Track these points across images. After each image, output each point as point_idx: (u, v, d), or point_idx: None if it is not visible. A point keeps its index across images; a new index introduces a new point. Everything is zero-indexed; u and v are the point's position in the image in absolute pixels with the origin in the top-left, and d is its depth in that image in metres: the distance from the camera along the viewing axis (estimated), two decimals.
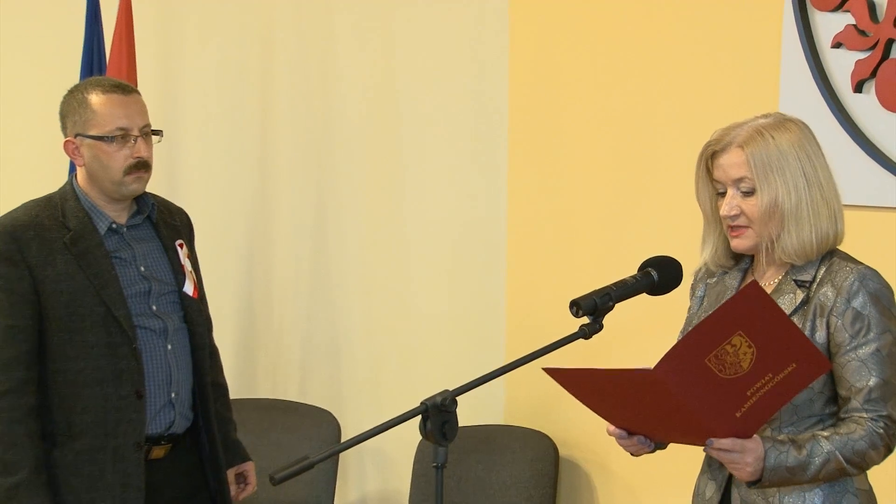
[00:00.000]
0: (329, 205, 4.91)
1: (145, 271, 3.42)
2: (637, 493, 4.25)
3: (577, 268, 4.28)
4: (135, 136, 3.39)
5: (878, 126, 3.63)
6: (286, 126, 5.02)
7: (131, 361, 3.34)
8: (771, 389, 2.47)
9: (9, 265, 3.30)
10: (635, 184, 4.16)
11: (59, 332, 3.32)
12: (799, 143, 2.65)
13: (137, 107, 3.43)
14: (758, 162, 2.62)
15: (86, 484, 3.33)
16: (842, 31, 3.68)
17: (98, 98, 3.38)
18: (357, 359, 4.90)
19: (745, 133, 2.65)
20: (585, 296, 2.60)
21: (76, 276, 3.32)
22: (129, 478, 3.35)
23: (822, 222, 2.65)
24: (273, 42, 5.03)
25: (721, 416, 2.49)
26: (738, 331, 2.41)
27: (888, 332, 2.59)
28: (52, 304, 3.31)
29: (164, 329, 3.42)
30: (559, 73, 4.32)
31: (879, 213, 3.66)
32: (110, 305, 3.33)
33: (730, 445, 2.52)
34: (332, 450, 2.69)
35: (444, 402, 2.46)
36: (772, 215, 2.64)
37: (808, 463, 2.55)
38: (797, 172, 2.63)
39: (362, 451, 4.85)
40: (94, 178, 3.40)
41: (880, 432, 2.57)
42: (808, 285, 2.65)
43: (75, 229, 3.35)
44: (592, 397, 2.63)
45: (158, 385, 3.40)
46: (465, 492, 4.46)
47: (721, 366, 2.43)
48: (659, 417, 2.58)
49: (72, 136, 3.40)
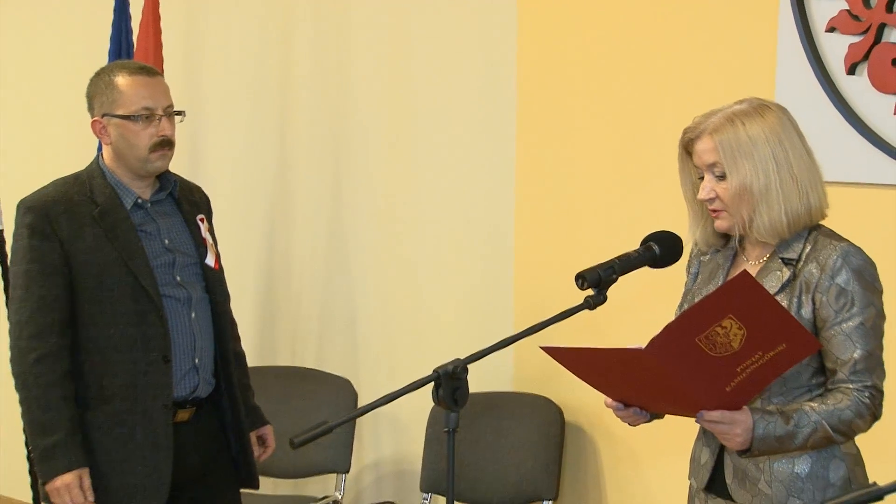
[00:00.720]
0: (345, 184, 4.91)
1: (169, 244, 3.44)
2: (638, 456, 4.25)
3: (581, 242, 4.28)
4: (159, 116, 3.40)
5: (870, 107, 3.63)
6: (305, 108, 5.01)
7: (158, 328, 3.36)
8: (761, 366, 2.47)
9: (41, 239, 3.32)
10: (637, 163, 4.15)
11: (89, 302, 3.34)
12: (771, 128, 2.63)
13: (161, 88, 3.45)
14: (726, 148, 2.62)
15: (117, 444, 3.35)
16: (836, 15, 3.67)
17: (124, 80, 3.40)
18: (372, 329, 4.90)
19: (716, 121, 2.64)
20: (590, 269, 2.60)
21: (105, 248, 3.34)
22: (157, 437, 3.37)
23: (793, 202, 2.62)
24: (292, 31, 5.01)
25: (711, 390, 2.49)
26: (728, 314, 2.41)
27: (871, 306, 2.59)
28: (83, 275, 3.33)
29: (188, 298, 3.43)
30: (565, 58, 4.30)
31: (871, 190, 3.65)
32: (138, 276, 3.34)
33: (719, 418, 2.53)
34: (349, 415, 2.70)
35: (456, 370, 2.46)
36: (742, 198, 2.63)
37: (796, 432, 2.55)
38: (766, 156, 2.61)
39: (378, 416, 4.86)
40: (120, 156, 3.41)
41: (866, 402, 2.57)
42: (794, 263, 2.64)
43: (103, 205, 3.37)
44: (589, 373, 2.63)
45: (183, 351, 3.41)
46: (476, 455, 4.47)
47: (711, 345, 2.42)
48: (652, 392, 2.58)
49: (99, 116, 3.42)
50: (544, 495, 4.34)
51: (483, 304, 4.60)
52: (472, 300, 4.63)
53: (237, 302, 4.44)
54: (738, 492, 2.69)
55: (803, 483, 2.63)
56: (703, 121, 2.67)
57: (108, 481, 3.35)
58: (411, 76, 4.70)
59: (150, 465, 3.36)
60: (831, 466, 2.63)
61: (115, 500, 3.36)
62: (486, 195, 4.56)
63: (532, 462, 4.36)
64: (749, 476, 2.67)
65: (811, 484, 2.62)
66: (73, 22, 5.66)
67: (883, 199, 3.64)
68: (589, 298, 2.60)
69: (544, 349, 2.58)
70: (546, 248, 4.41)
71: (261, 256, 5.17)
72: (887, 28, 3.59)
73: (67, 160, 4.50)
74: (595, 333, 3.98)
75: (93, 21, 5.37)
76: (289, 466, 4.77)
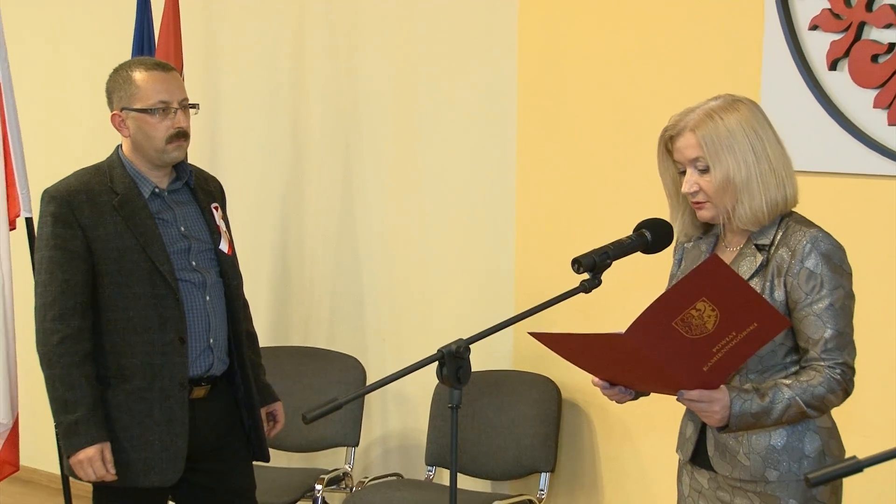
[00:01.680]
0: (355, 175, 4.89)
1: (185, 231, 3.43)
2: (631, 431, 4.24)
3: (578, 230, 4.27)
4: (175, 109, 3.39)
5: (850, 101, 3.63)
6: (317, 104, 5.00)
7: (174, 311, 3.36)
8: (735, 346, 2.46)
9: (64, 226, 3.32)
10: (630, 156, 4.14)
11: (110, 286, 3.33)
12: (747, 121, 2.62)
13: (176, 83, 3.45)
14: (708, 143, 2.61)
15: (136, 420, 3.35)
16: (818, 14, 3.67)
17: (141, 75, 3.40)
18: (380, 310, 4.89)
19: (696, 117, 2.63)
20: (586, 254, 2.59)
21: (124, 235, 3.33)
22: (174, 414, 3.37)
23: (771, 191, 2.62)
24: (305, 33, 5.00)
25: (689, 370, 2.49)
26: (701, 297, 2.39)
27: (840, 288, 2.58)
28: (104, 261, 3.32)
29: (203, 282, 3.42)
30: (563, 57, 4.29)
31: (852, 180, 3.66)
32: (155, 261, 3.34)
33: (698, 396, 2.53)
34: (358, 392, 2.69)
35: (459, 350, 2.45)
36: (725, 189, 2.62)
37: (771, 408, 2.55)
38: (745, 149, 2.60)
39: (385, 393, 4.85)
40: (138, 148, 3.40)
41: (837, 378, 2.56)
42: (766, 249, 2.63)
43: (122, 194, 3.36)
44: (576, 356, 2.63)
45: (198, 332, 3.41)
46: (478, 430, 4.46)
47: (687, 328, 2.41)
48: (634, 373, 2.58)
49: (118, 110, 3.42)
50: (542, 468, 4.33)
51: (485, 288, 4.59)
52: (475, 284, 4.62)
53: (254, 286, 4.45)
54: (719, 463, 2.70)
55: (779, 455, 2.63)
56: (682, 118, 2.66)
57: (127, 456, 3.35)
58: (417, 72, 4.69)
59: (167, 441, 3.36)
60: (806, 439, 2.63)
61: (133, 474, 3.36)
62: (488, 187, 4.54)
63: (530, 436, 4.35)
64: (729, 448, 2.68)
65: (787, 455, 2.62)
66: (98, 22, 5.65)
67: (862, 189, 3.64)
68: (585, 282, 2.59)
69: (533, 335, 2.58)
70: (544, 235, 4.40)
71: (275, 244, 5.16)
72: (867, 26, 3.58)
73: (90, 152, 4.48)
74: (590, 315, 3.97)
75: (116, 22, 5.35)
76: (301, 440, 4.76)
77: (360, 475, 4.79)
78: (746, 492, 2.66)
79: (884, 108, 3.55)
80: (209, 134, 5.22)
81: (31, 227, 4.47)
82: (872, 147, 3.57)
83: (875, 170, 3.59)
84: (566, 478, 4.41)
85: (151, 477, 3.36)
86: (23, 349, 4.49)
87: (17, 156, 4.44)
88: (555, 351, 2.61)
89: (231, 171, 5.20)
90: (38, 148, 5.37)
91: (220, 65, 5.26)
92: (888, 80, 3.53)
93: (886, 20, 3.53)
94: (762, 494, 2.64)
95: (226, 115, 5.23)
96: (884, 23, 3.54)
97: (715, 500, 2.73)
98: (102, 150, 3.57)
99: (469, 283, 4.63)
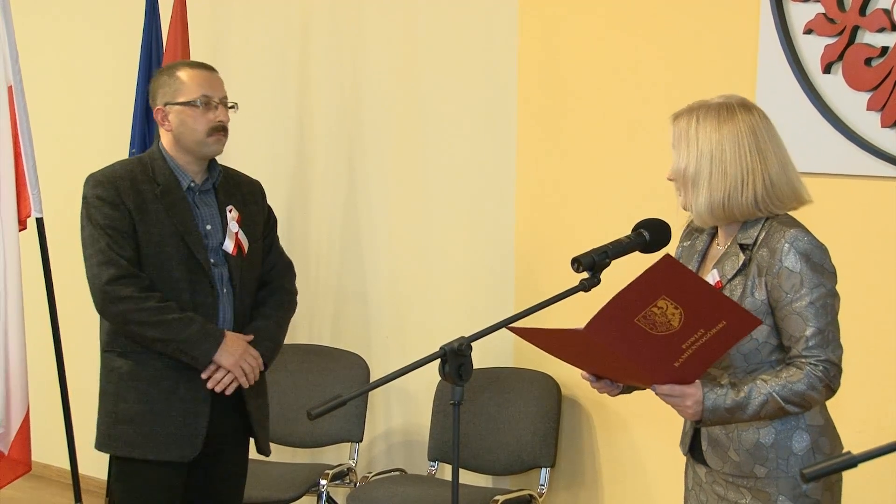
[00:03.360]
0: (358, 176, 4.90)
1: (210, 229, 3.52)
2: (629, 426, 4.25)
3: (576, 230, 4.27)
4: (216, 104, 3.51)
5: (844, 103, 3.63)
6: (321, 105, 5.00)
7: (208, 297, 3.47)
8: (705, 343, 2.47)
9: (112, 208, 3.42)
10: (629, 154, 4.14)
11: (150, 267, 3.43)
12: (728, 123, 2.62)
13: (219, 82, 3.59)
14: (676, 134, 2.66)
15: (163, 395, 3.45)
16: (813, 18, 3.67)
17: (186, 72, 3.54)
18: (384, 309, 4.90)
19: (686, 108, 2.68)
20: (585, 253, 2.60)
21: (165, 222, 3.44)
22: (198, 393, 3.46)
23: (716, 193, 2.61)
24: (310, 35, 5.00)
25: (660, 366, 2.50)
26: (661, 295, 2.40)
27: (821, 286, 2.57)
28: (146, 243, 3.43)
29: (221, 276, 3.51)
30: (561, 57, 4.30)
31: (844, 181, 3.65)
32: (192, 248, 3.45)
33: (669, 391, 2.56)
34: (362, 389, 2.71)
35: (461, 347, 2.46)
36: (678, 180, 2.67)
37: (747, 403, 2.55)
38: (705, 148, 2.61)
39: (388, 390, 4.86)
40: (179, 140, 3.51)
41: (819, 375, 2.55)
42: (749, 248, 2.64)
43: (164, 184, 3.47)
44: (554, 350, 2.65)
45: (221, 319, 3.51)
46: (479, 426, 4.47)
47: (652, 325, 2.43)
48: (609, 366, 2.60)
49: (161, 105, 3.52)
50: (542, 463, 4.34)
51: (486, 287, 4.60)
52: (476, 283, 4.63)
53: None
54: (712, 458, 2.71)
55: (767, 451, 2.63)
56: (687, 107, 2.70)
57: (151, 428, 3.44)
58: (419, 74, 4.69)
59: (189, 417, 3.45)
60: (795, 437, 2.63)
61: (156, 446, 3.45)
62: (488, 187, 4.55)
63: (531, 432, 4.36)
64: (720, 443, 2.69)
65: (775, 453, 2.62)
66: (108, 26, 5.65)
67: (856, 190, 3.64)
68: (584, 281, 2.60)
69: (510, 328, 2.60)
70: (544, 234, 4.40)
71: (281, 241, 5.16)
72: (860, 30, 3.58)
73: (100, 153, 4.51)
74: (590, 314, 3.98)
75: (125, 25, 5.36)
76: (306, 436, 4.78)
77: (364, 470, 4.80)
78: (739, 486, 2.67)
79: (877, 110, 3.56)
80: None
81: (42, 228, 4.48)
82: (866, 149, 3.58)
83: (869, 171, 3.59)
84: (566, 473, 4.42)
85: (172, 451, 3.45)
86: (32, 347, 4.51)
87: (28, 157, 4.45)
88: (533, 344, 2.63)
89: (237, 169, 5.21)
90: (49, 149, 5.39)
91: (227, 67, 5.23)
92: (881, 82, 3.54)
93: (880, 24, 3.54)
94: (753, 489, 2.65)
95: (232, 117, 5.22)
96: (877, 27, 3.55)
97: (712, 493, 2.74)
98: (113, 151, 3.60)
99: (470, 282, 4.64)
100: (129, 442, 3.47)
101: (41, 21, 5.84)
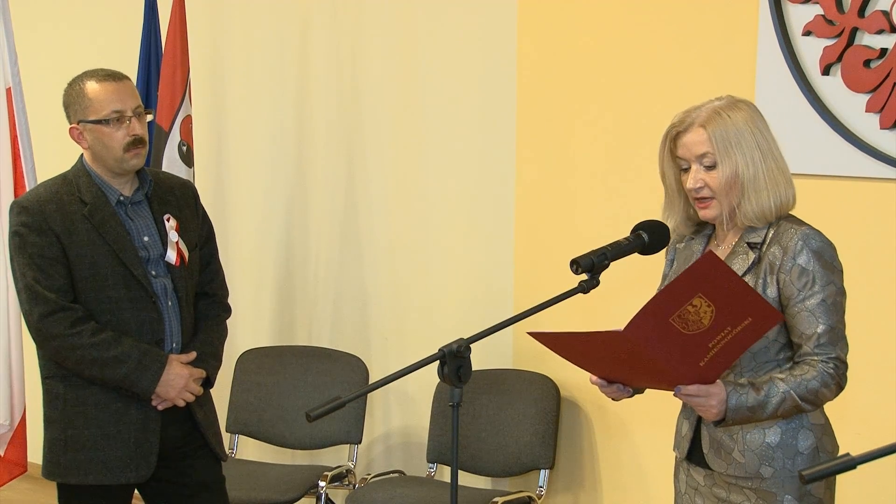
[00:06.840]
0: (358, 178, 4.89)
1: (148, 240, 3.43)
2: (628, 428, 4.25)
3: (576, 231, 4.27)
4: (129, 117, 3.39)
5: (843, 105, 3.63)
6: (321, 108, 5.00)
7: (152, 313, 3.39)
8: (730, 340, 2.46)
9: (39, 234, 3.32)
10: (628, 156, 4.14)
11: (86, 291, 3.34)
12: (751, 119, 2.63)
13: (128, 91, 3.44)
14: (718, 138, 2.61)
15: (114, 418, 3.38)
16: (811, 20, 3.66)
17: (93, 87, 3.41)
18: (383, 311, 4.89)
19: (704, 114, 2.63)
20: (584, 255, 2.59)
21: (97, 242, 3.34)
22: (148, 412, 3.40)
23: (780, 188, 2.63)
24: (309, 37, 5.00)
25: (686, 365, 2.49)
26: (697, 293, 2.40)
27: (832, 284, 2.58)
28: (79, 267, 3.33)
29: (165, 289, 3.43)
30: (561, 57, 4.29)
31: (843, 182, 3.66)
32: (129, 266, 3.36)
33: (695, 391, 2.53)
34: (361, 391, 2.70)
35: (460, 349, 2.45)
36: (733, 185, 2.62)
37: (766, 402, 2.55)
38: (752, 146, 2.61)
39: (387, 391, 4.85)
40: (98, 158, 3.41)
41: (830, 372, 2.56)
42: (758, 247, 2.63)
43: (91, 202, 3.37)
44: (574, 354, 2.63)
45: (168, 335, 3.44)
46: (478, 427, 4.46)
47: (684, 323, 2.42)
48: (632, 369, 2.58)
49: (75, 123, 3.42)
50: (541, 464, 4.33)
51: (485, 289, 4.59)
52: (475, 285, 4.62)
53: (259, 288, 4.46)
54: (714, 461, 2.70)
55: (773, 452, 2.63)
56: (689, 115, 2.66)
57: (104, 453, 3.37)
58: (418, 76, 4.69)
59: (141, 438, 3.39)
60: (800, 436, 2.63)
61: (110, 470, 3.38)
62: (488, 188, 4.54)
63: (530, 434, 4.36)
64: (724, 446, 2.68)
65: (781, 452, 2.63)
66: (106, 29, 5.64)
67: (855, 191, 3.64)
68: (583, 283, 2.59)
69: (531, 334, 2.57)
70: (543, 236, 4.40)
71: (280, 246, 5.16)
72: (859, 32, 3.58)
73: None
74: (588, 315, 3.97)
75: (124, 29, 5.35)
76: (305, 438, 4.77)
77: (363, 472, 4.80)
78: (742, 488, 2.66)
79: (876, 112, 3.55)
80: (215, 138, 5.23)
81: None
82: (865, 150, 3.58)
83: (867, 172, 3.59)
84: (565, 474, 4.42)
85: (128, 473, 3.39)
86: (28, 349, 4.50)
87: (26, 159, 4.45)
88: (553, 350, 2.61)
89: (237, 174, 5.21)
90: (47, 151, 5.37)
91: (227, 70, 5.27)
92: (880, 84, 3.53)
93: (878, 26, 3.53)
94: (758, 490, 2.64)
95: (231, 119, 5.23)
96: (876, 28, 3.54)
97: (711, 496, 2.73)
98: None
99: (469, 284, 4.63)
100: (83, 469, 3.38)
101: (40, 22, 5.83)
